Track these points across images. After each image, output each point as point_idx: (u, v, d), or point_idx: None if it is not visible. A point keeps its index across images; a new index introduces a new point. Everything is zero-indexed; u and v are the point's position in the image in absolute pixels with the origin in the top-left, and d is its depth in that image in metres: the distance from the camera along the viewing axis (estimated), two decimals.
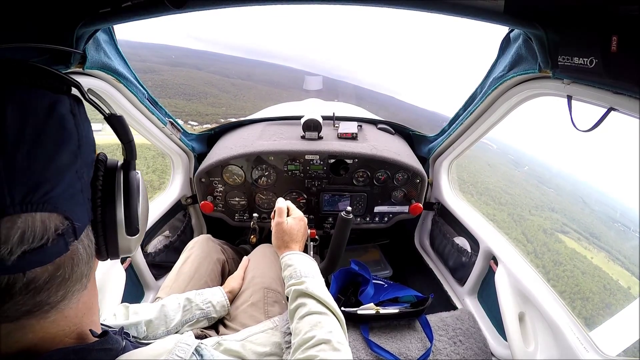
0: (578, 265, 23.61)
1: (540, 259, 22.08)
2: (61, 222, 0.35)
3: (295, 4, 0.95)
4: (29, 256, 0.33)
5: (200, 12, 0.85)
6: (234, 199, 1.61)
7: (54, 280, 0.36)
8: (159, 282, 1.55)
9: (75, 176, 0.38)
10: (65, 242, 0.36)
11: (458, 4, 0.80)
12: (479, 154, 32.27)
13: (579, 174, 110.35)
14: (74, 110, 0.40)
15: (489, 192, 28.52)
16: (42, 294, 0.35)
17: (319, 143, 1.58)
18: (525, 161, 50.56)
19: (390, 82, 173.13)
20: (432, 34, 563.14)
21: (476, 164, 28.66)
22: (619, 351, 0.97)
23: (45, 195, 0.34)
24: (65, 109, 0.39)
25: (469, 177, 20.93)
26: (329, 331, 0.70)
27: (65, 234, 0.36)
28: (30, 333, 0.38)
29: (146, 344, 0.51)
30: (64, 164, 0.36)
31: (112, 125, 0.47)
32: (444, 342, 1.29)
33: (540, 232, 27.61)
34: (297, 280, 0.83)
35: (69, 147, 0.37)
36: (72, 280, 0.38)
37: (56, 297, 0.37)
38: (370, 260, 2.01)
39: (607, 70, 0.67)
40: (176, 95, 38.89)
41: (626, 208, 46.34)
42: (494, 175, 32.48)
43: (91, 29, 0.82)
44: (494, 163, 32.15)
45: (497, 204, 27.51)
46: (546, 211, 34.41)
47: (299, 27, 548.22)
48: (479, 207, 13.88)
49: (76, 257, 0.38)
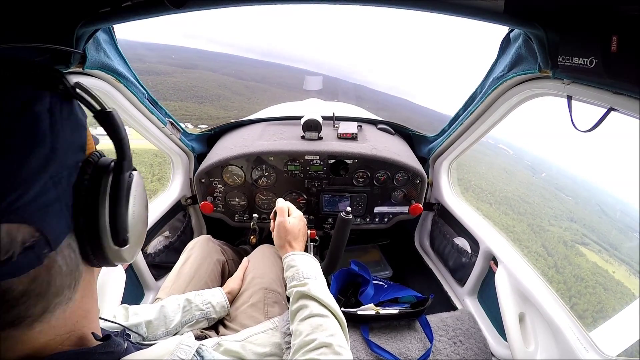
0: (600, 281, 22.77)
1: (561, 274, 21.40)
2: (31, 234, 0.32)
3: (296, 3, 0.95)
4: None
5: (218, 14, 0.84)
6: (234, 199, 1.61)
7: (30, 293, 0.34)
8: (159, 282, 1.55)
9: (49, 183, 0.34)
10: (37, 255, 0.33)
11: (458, 4, 0.80)
12: (496, 160, 31.26)
13: (593, 179, 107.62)
14: (54, 108, 0.36)
15: (508, 201, 27.54)
16: (19, 307, 0.33)
17: (319, 143, 1.58)
18: (541, 166, 48.91)
19: (404, 84, 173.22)
20: (433, 34, 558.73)
21: (494, 171, 27.81)
22: (619, 351, 0.97)
23: (10, 206, 0.30)
24: (42, 108, 0.35)
25: (487, 185, 20.37)
26: (331, 334, 0.69)
27: (36, 246, 0.33)
28: (19, 344, 0.36)
29: (147, 345, 0.51)
30: (32, 170, 0.32)
31: (101, 123, 0.42)
32: (444, 342, 1.29)
33: (560, 244, 26.70)
34: (300, 282, 0.83)
35: (40, 151, 0.33)
36: (51, 293, 0.36)
37: (35, 310, 0.35)
38: (370, 261, 2.01)
39: (607, 70, 0.67)
40: (188, 98, 37.87)
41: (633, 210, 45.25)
42: (511, 183, 31.40)
43: (91, 28, 0.82)
44: (511, 170, 31.03)
45: (516, 213, 26.63)
46: (565, 221, 33.41)
47: (314, 29, 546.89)
48: (497, 217, 13.53)
49: (53, 270, 0.36)
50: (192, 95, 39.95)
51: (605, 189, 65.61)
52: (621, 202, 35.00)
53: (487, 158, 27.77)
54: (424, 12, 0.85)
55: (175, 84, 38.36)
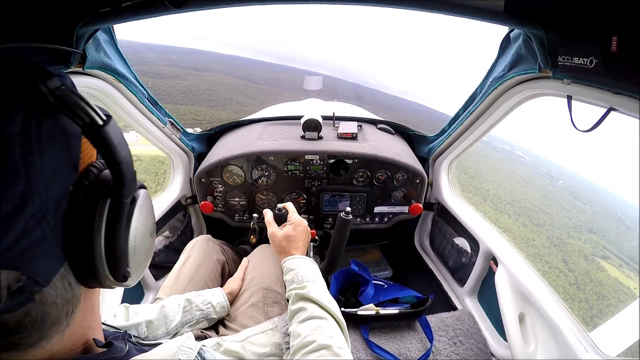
0: (622, 299, 21.55)
1: (582, 292, 20.33)
2: (16, 278, 0.29)
3: (297, 3, 0.95)
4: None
5: (233, 17, 0.85)
6: (233, 199, 1.61)
7: (23, 326, 0.31)
8: (159, 282, 1.55)
9: (32, 221, 0.29)
10: (28, 294, 0.30)
11: (458, 4, 0.80)
12: (513, 168, 30.02)
13: (608, 185, 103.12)
14: (29, 125, 0.29)
15: (526, 212, 26.28)
16: (12, 336, 0.31)
17: (319, 143, 1.58)
18: (558, 173, 47.64)
19: (404, 83, 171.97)
20: (434, 34, 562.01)
21: (511, 179, 26.69)
22: (619, 351, 0.97)
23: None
24: (13, 130, 0.28)
25: (505, 195, 19.58)
26: (330, 336, 0.69)
27: (25, 288, 0.30)
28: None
29: (147, 345, 0.51)
30: (6, 214, 0.27)
31: (91, 141, 0.33)
32: (444, 342, 1.29)
33: (580, 258, 25.15)
34: (299, 284, 0.83)
35: (12, 189, 0.28)
36: (46, 325, 0.34)
37: (30, 339, 0.33)
38: (370, 261, 2.01)
39: (607, 70, 0.67)
40: (200, 101, 37.07)
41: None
42: (529, 192, 30.16)
43: (91, 28, 0.82)
44: (529, 177, 29.77)
45: (535, 225, 25.41)
46: (584, 232, 31.75)
47: (329, 31, 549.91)
48: (517, 230, 13.08)
49: (47, 305, 0.33)
50: (204, 99, 39.19)
51: (620, 194, 62.00)
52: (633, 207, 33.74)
53: (504, 165, 26.79)
54: (424, 12, 0.85)
55: (187, 87, 37.13)
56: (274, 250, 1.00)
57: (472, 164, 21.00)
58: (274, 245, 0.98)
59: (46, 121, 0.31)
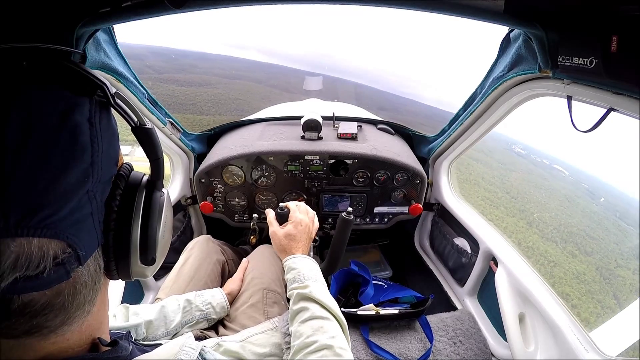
0: None
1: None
2: (63, 249, 0.32)
3: (297, 3, 0.95)
4: (21, 282, 0.29)
5: (267, 24, 0.84)
6: (233, 199, 1.61)
7: (53, 306, 0.33)
8: (159, 282, 1.55)
9: (85, 198, 0.33)
10: (67, 270, 0.32)
11: (458, 4, 0.80)
12: (555, 185, 27.32)
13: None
14: (93, 118, 0.35)
15: (573, 237, 23.52)
16: (38, 317, 0.32)
17: (319, 143, 1.58)
18: (599, 189, 42.14)
19: (405, 82, 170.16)
20: (434, 33, 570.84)
21: (554, 199, 24.23)
22: (619, 351, 0.97)
23: (45, 220, 0.30)
24: (82, 117, 0.33)
25: (551, 218, 17.94)
26: (331, 337, 0.69)
27: (67, 262, 0.32)
28: (31, 351, 0.35)
29: (149, 346, 0.51)
30: (71, 185, 0.32)
31: (139, 138, 0.41)
32: (444, 342, 1.29)
33: (632, 293, 22.01)
34: (301, 284, 0.83)
35: (80, 165, 0.33)
36: (73, 307, 0.35)
37: (55, 322, 0.34)
38: (370, 261, 2.01)
39: (607, 71, 0.67)
40: (228, 111, 35.00)
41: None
42: (574, 213, 27.23)
43: (91, 28, 0.82)
44: (571, 196, 27.06)
45: (583, 254, 22.65)
46: (633, 259, 28.23)
47: (364, 40, 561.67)
48: (566, 261, 11.63)
49: (79, 284, 0.35)
50: (233, 108, 37.17)
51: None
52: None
53: (546, 183, 24.98)
54: (424, 12, 0.85)
55: (216, 95, 34.95)
56: (275, 249, 1.00)
57: (513, 181, 19.65)
58: (275, 244, 0.98)
59: (104, 116, 0.37)
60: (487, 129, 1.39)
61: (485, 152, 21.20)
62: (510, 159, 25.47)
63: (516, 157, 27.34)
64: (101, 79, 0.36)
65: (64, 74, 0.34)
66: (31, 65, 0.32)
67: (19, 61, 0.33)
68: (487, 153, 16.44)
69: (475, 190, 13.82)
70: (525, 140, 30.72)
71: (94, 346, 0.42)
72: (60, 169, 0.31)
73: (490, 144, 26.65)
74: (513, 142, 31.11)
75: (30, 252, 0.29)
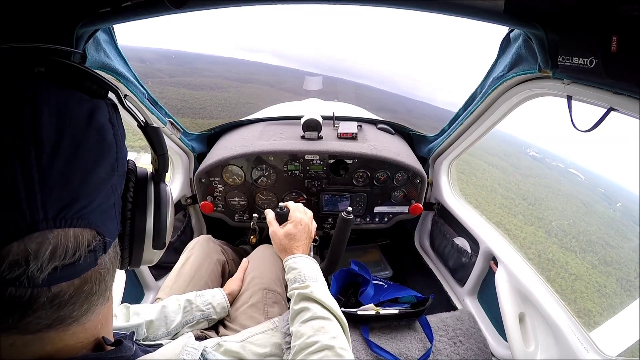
0: None
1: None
2: (93, 237, 0.34)
3: (297, 3, 0.95)
4: (59, 272, 0.31)
5: (281, 27, 0.84)
6: (233, 199, 1.61)
7: (80, 294, 0.35)
8: (159, 282, 1.55)
9: (110, 190, 0.37)
10: (96, 257, 0.35)
11: (458, 4, 0.80)
12: (572, 190, 26.34)
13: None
14: (113, 119, 0.38)
15: (593, 247, 22.12)
16: (66, 308, 0.34)
17: (319, 143, 1.58)
18: (615, 194, 39.17)
19: (405, 81, 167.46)
20: (434, 33, 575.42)
21: (572, 205, 22.74)
22: (619, 351, 0.97)
23: (80, 211, 0.32)
24: (105, 118, 0.37)
25: (569, 226, 16.91)
26: (333, 337, 0.69)
27: (97, 249, 0.35)
28: (48, 345, 0.36)
29: (150, 346, 0.51)
30: (101, 179, 0.35)
31: (148, 137, 0.46)
32: (444, 342, 1.29)
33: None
34: (302, 284, 0.83)
35: (108, 160, 0.36)
36: (98, 294, 0.37)
37: (80, 311, 0.36)
38: (370, 261, 2.01)
39: (607, 70, 0.67)
40: (238, 115, 31.94)
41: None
42: (591, 220, 25.35)
43: (91, 28, 0.82)
44: (588, 201, 25.49)
45: (603, 264, 20.97)
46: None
47: (383, 43, 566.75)
48: (586, 273, 10.70)
49: (103, 271, 0.37)
50: (243, 112, 36.15)
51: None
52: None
53: (563, 188, 23.96)
54: (424, 12, 0.85)
55: (226, 99, 32.76)
56: (275, 248, 1.00)
57: (529, 187, 18.99)
58: (276, 244, 0.99)
59: (118, 116, 0.40)
60: (487, 128, 1.39)
61: (500, 157, 20.76)
62: (526, 162, 24.79)
63: (531, 160, 26.61)
64: (114, 85, 0.40)
65: (79, 78, 0.36)
66: (47, 69, 0.34)
67: (30, 63, 0.34)
68: (503, 157, 15.81)
69: (492, 198, 13.45)
70: (538, 142, 29.42)
71: (98, 345, 0.42)
72: (92, 165, 0.34)
73: (505, 148, 25.57)
74: (528, 145, 30.29)
75: (67, 242, 0.32)
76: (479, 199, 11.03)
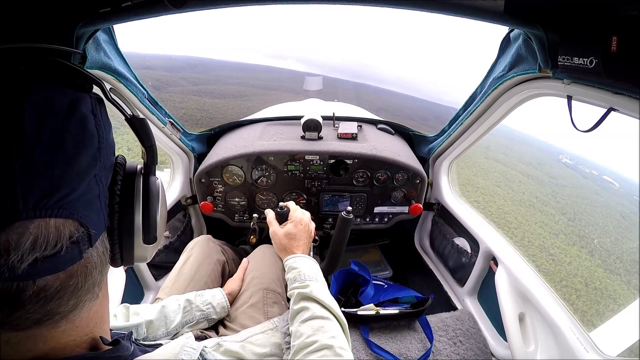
0: None
1: None
2: (76, 229, 0.34)
3: (297, 3, 0.95)
4: (40, 264, 0.31)
5: (306, 33, 0.83)
6: (233, 199, 1.61)
7: (66, 289, 0.34)
8: (159, 282, 1.55)
9: (93, 180, 0.36)
10: (80, 250, 0.35)
11: (458, 4, 0.80)
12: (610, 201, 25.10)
13: None
14: (95, 110, 0.38)
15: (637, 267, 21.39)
16: (52, 302, 0.34)
17: (319, 143, 1.58)
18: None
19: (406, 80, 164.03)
20: (434, 33, 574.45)
21: (611, 218, 21.48)
22: (619, 351, 0.97)
23: (61, 201, 0.32)
24: (87, 109, 0.37)
25: (612, 245, 15.63)
26: (332, 336, 0.69)
27: (80, 241, 0.34)
28: (40, 343, 0.36)
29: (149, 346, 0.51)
30: (83, 168, 0.35)
31: (134, 128, 0.45)
32: (444, 342, 1.29)
33: None
34: (302, 283, 0.83)
35: (90, 150, 0.36)
36: (84, 289, 0.37)
37: (67, 307, 0.36)
38: (370, 261, 2.01)
39: (607, 71, 0.67)
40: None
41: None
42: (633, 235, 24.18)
43: (91, 28, 0.82)
44: (627, 212, 24.07)
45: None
46: None
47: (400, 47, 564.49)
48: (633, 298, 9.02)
49: (90, 265, 0.37)
50: None
51: None
52: None
53: (600, 199, 22.78)
54: (423, 12, 0.85)
55: (249, 109, 31.58)
56: (275, 248, 1.00)
57: (567, 198, 18.19)
58: (276, 243, 0.99)
59: (103, 109, 0.40)
60: (487, 129, 1.39)
61: (534, 166, 20.13)
62: (559, 170, 24.09)
63: (565, 168, 25.91)
64: (97, 78, 0.40)
65: (63, 73, 0.37)
66: (31, 66, 0.35)
67: (18, 61, 0.35)
68: (537, 166, 14.96)
69: (531, 214, 12.55)
70: (570, 147, 27.86)
71: (95, 345, 0.42)
72: (73, 153, 0.34)
73: (537, 155, 23.45)
74: (559, 151, 29.40)
75: (48, 233, 0.31)
76: (518, 217, 10.53)
